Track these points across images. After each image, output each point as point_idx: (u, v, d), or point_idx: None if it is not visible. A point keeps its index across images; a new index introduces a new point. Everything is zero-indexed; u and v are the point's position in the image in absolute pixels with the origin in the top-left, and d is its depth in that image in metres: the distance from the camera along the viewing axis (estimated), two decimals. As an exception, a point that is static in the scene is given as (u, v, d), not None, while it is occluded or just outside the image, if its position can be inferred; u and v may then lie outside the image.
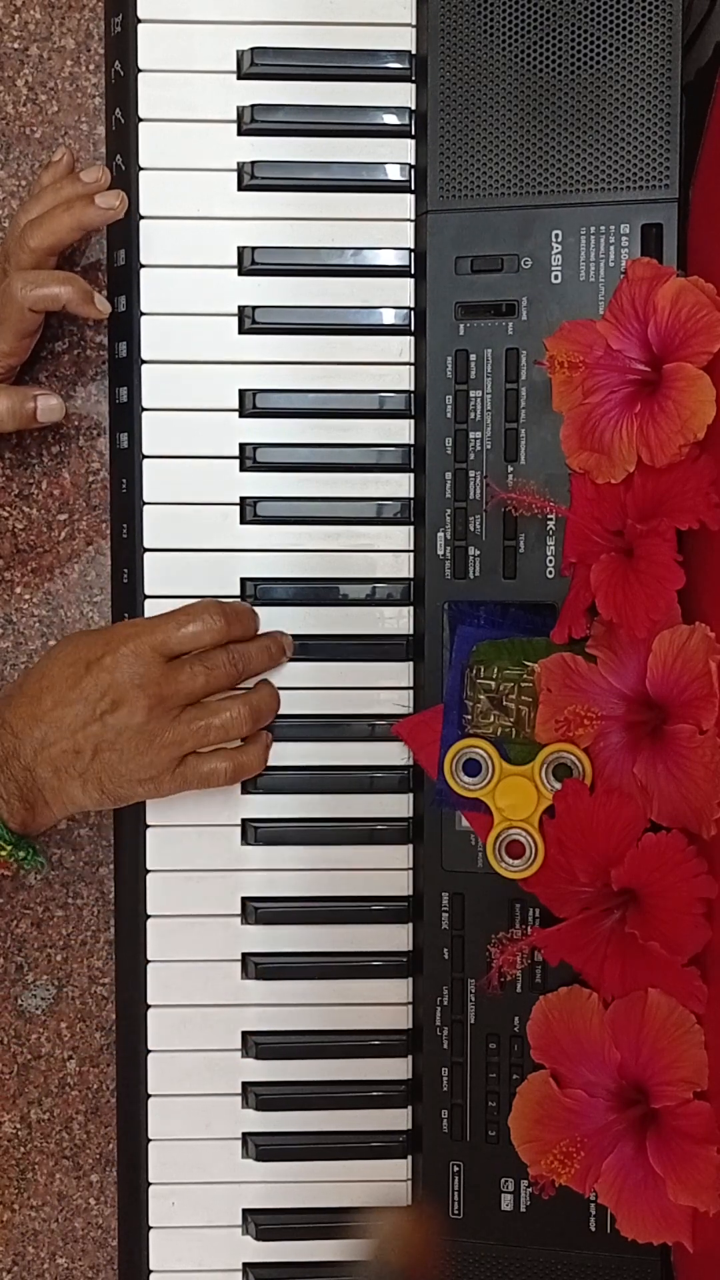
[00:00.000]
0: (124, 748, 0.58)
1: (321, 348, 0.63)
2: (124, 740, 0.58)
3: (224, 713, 0.60)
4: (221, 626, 0.60)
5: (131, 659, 0.58)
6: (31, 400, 0.63)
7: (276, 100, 0.62)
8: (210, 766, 0.60)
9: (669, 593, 0.55)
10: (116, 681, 0.58)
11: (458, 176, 0.61)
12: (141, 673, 0.58)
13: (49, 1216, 0.70)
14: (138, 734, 0.58)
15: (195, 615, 0.59)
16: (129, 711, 0.58)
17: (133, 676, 0.58)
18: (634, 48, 0.59)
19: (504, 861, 0.59)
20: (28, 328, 0.61)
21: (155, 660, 0.58)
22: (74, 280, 0.60)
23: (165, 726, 0.59)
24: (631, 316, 0.57)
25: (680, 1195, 0.54)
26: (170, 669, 0.59)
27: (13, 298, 0.60)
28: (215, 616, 0.60)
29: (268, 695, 0.62)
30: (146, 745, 0.58)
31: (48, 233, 0.60)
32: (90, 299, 0.61)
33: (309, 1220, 0.65)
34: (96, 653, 0.59)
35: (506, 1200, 0.62)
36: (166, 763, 0.59)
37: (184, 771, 0.60)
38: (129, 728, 0.58)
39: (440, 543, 0.62)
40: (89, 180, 0.61)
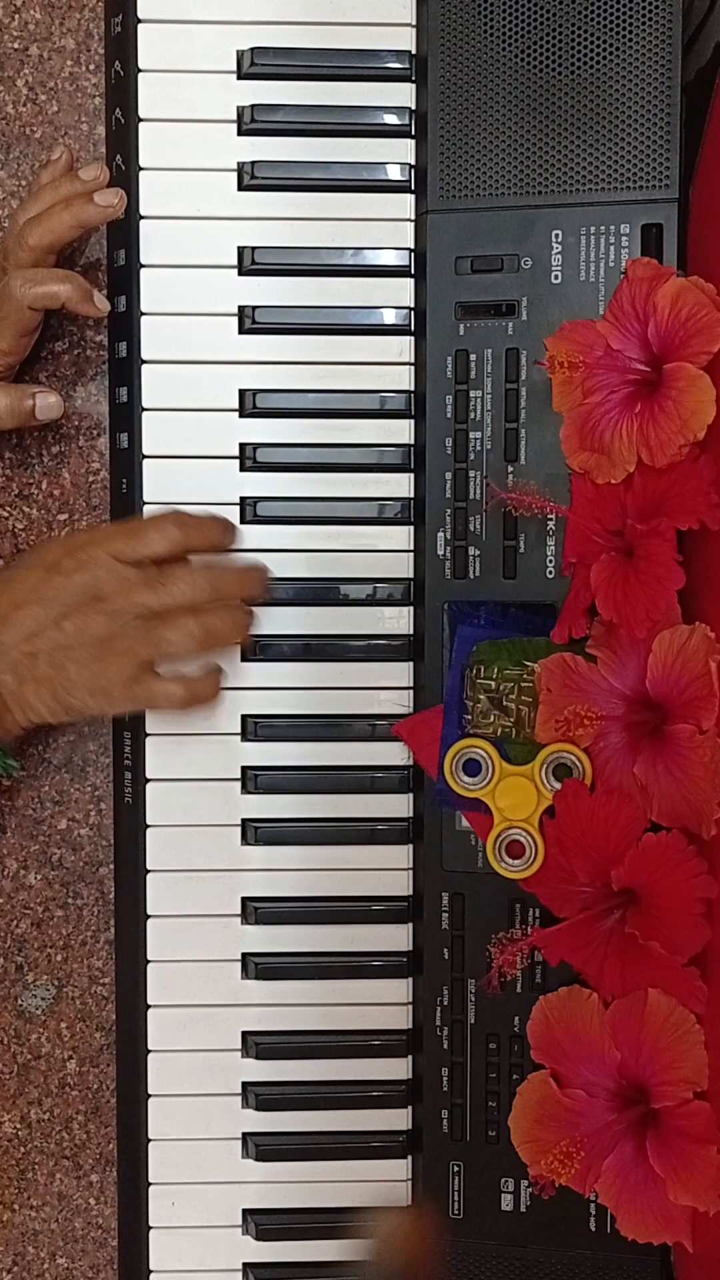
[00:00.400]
0: (78, 654, 0.58)
1: (321, 348, 0.63)
2: (78, 646, 0.58)
3: (177, 627, 0.59)
4: (177, 537, 0.59)
5: (89, 564, 0.58)
6: (30, 398, 0.63)
7: (276, 100, 0.62)
8: (163, 688, 0.59)
9: (669, 593, 0.55)
10: (73, 586, 0.58)
11: (458, 176, 0.61)
12: (98, 578, 0.58)
13: (49, 1216, 0.70)
14: (93, 640, 0.58)
15: (152, 526, 0.59)
16: (83, 616, 0.58)
17: (87, 582, 0.58)
18: (634, 48, 0.59)
19: (504, 861, 0.59)
20: (27, 326, 0.61)
21: (112, 566, 0.58)
22: (73, 278, 0.60)
23: (118, 634, 0.58)
24: (631, 316, 0.57)
25: (680, 1195, 0.54)
26: (125, 579, 0.58)
27: (11, 296, 0.60)
28: (171, 527, 0.59)
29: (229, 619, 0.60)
30: (101, 652, 0.58)
31: (46, 230, 0.60)
32: (89, 297, 0.61)
33: (309, 1220, 0.65)
34: (55, 556, 0.59)
35: (506, 1200, 0.62)
36: (117, 674, 0.58)
37: (136, 690, 0.59)
38: (83, 631, 0.58)
39: (440, 543, 0.62)
40: (88, 178, 0.61)
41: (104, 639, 0.58)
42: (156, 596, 0.59)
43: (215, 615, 0.60)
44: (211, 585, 0.60)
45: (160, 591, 0.59)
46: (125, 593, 0.58)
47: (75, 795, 0.68)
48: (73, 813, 0.68)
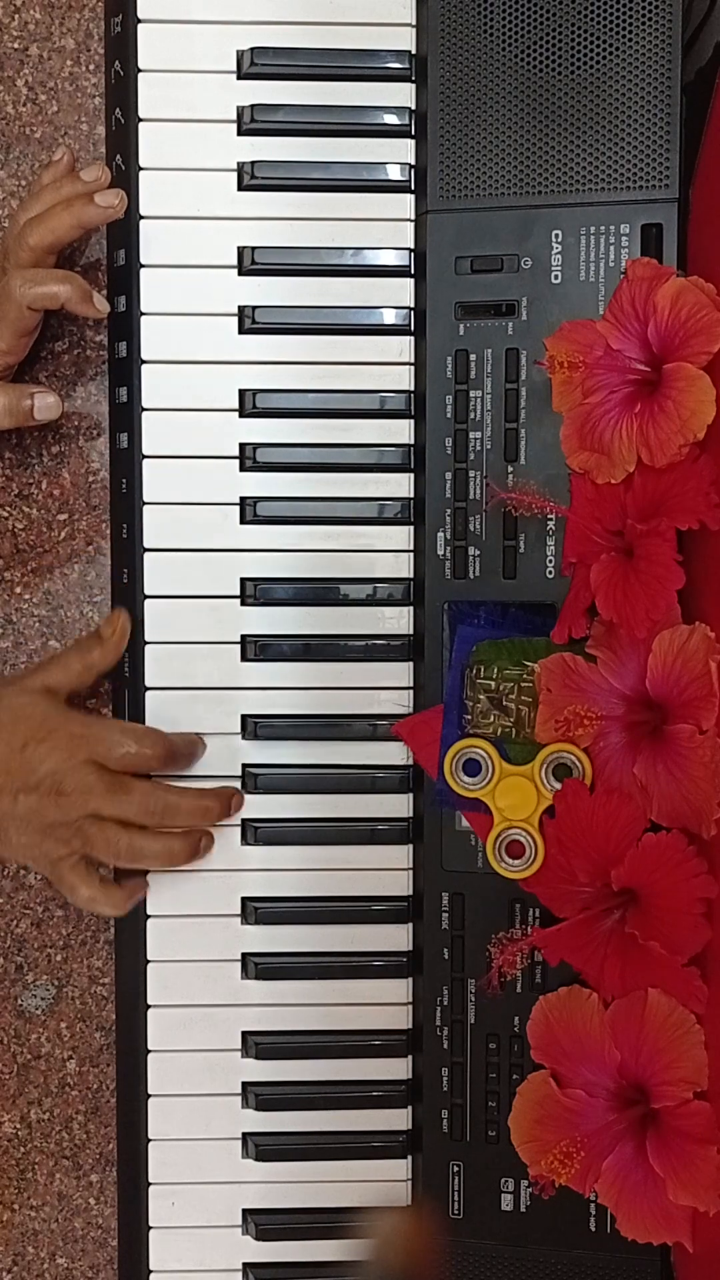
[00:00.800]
0: (23, 827, 0.59)
1: (321, 348, 0.63)
2: (26, 821, 0.59)
3: (109, 835, 0.60)
4: (157, 757, 0.60)
5: (64, 757, 0.59)
6: (29, 398, 0.63)
7: (276, 100, 0.62)
8: (71, 880, 0.61)
9: (669, 593, 0.55)
10: (43, 770, 0.59)
11: (458, 176, 0.61)
12: (66, 772, 0.59)
13: (49, 1216, 0.70)
14: (40, 823, 0.59)
15: (136, 737, 0.60)
16: (40, 802, 0.59)
17: (57, 773, 0.59)
18: (634, 48, 0.59)
19: (504, 861, 0.59)
20: (26, 326, 0.61)
21: (83, 767, 0.59)
22: (73, 279, 0.60)
23: (64, 827, 0.59)
24: (631, 316, 0.57)
25: (680, 1195, 0.54)
26: (88, 784, 0.59)
27: (11, 296, 0.60)
28: (155, 746, 0.60)
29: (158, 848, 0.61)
30: (41, 836, 0.59)
31: (47, 231, 0.60)
32: (89, 298, 0.61)
33: (309, 1220, 0.65)
34: (38, 735, 0.59)
35: (506, 1200, 0.62)
36: (52, 853, 0.60)
37: (61, 872, 0.61)
38: (34, 813, 0.59)
39: (440, 543, 0.62)
40: (89, 179, 0.61)
41: (47, 827, 0.59)
42: (110, 808, 0.59)
43: (150, 838, 0.61)
44: (164, 812, 0.61)
45: (113, 802, 0.59)
46: (83, 795, 0.59)
47: (75, 795, 0.68)
48: (73, 813, 0.68)
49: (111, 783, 0.59)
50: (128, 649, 0.64)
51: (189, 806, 0.62)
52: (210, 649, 0.64)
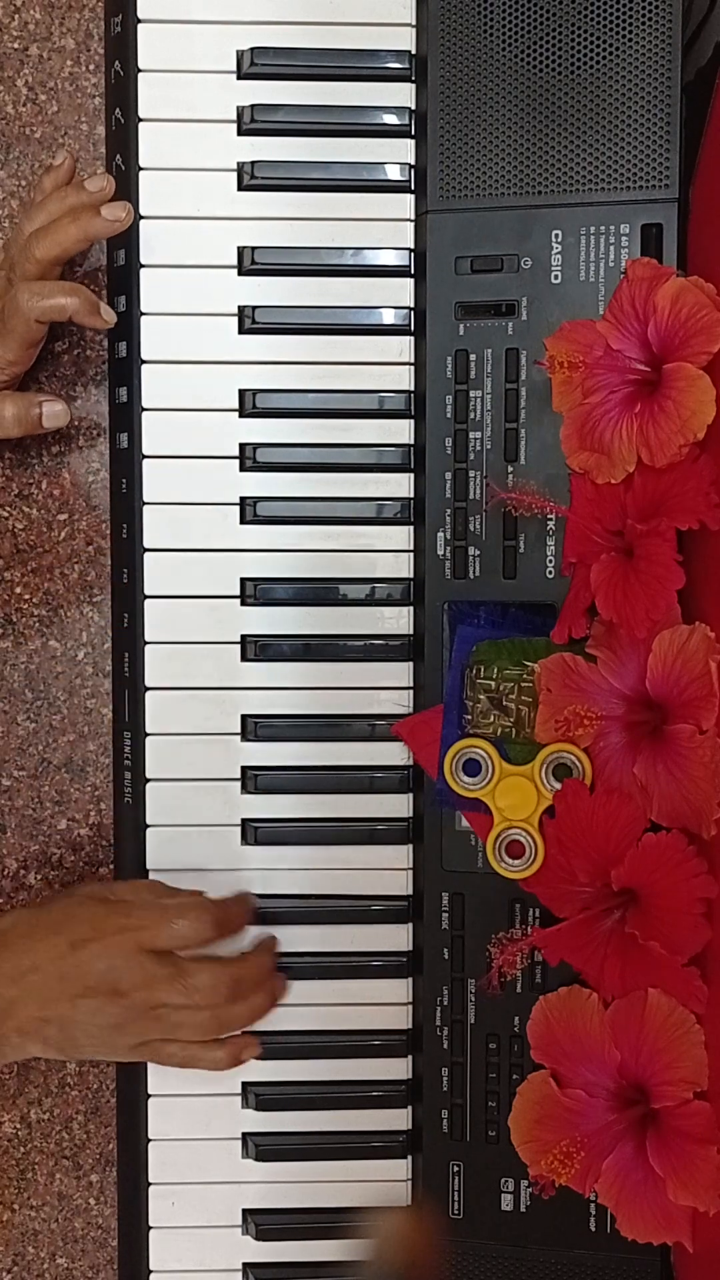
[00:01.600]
0: (89, 1029, 0.58)
1: (321, 348, 0.63)
2: (90, 1024, 0.58)
3: (192, 1018, 0.59)
4: (209, 931, 0.59)
5: (115, 954, 0.58)
6: (37, 406, 0.63)
7: (276, 100, 0.62)
8: (168, 1050, 0.60)
9: (669, 593, 0.55)
10: (96, 971, 0.57)
11: (458, 176, 0.61)
12: (122, 970, 0.57)
13: (49, 1216, 0.70)
14: (106, 1021, 0.58)
15: (186, 918, 0.59)
16: (100, 1004, 0.58)
17: (112, 970, 0.57)
18: (634, 48, 0.59)
19: (504, 861, 0.59)
20: (33, 338, 0.61)
21: (139, 958, 0.58)
22: (80, 291, 0.60)
23: (132, 1021, 0.58)
24: (631, 316, 0.57)
25: (680, 1195, 0.54)
26: (151, 973, 0.58)
27: (19, 309, 0.60)
28: (204, 920, 0.59)
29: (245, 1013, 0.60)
30: (111, 1034, 0.58)
31: (53, 243, 0.60)
32: (96, 310, 0.61)
33: (309, 1220, 0.65)
34: (84, 935, 0.58)
35: (506, 1200, 0.62)
36: (125, 1046, 0.59)
37: (141, 1050, 0.60)
38: (97, 1015, 0.58)
39: (440, 543, 0.62)
40: (94, 189, 0.61)
41: (117, 1024, 0.58)
42: (178, 998, 0.58)
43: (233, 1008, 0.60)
44: (233, 985, 0.59)
45: (181, 993, 0.58)
46: (146, 988, 0.58)
47: (75, 795, 0.68)
48: (73, 813, 0.68)
49: (172, 972, 0.58)
50: (127, 649, 0.64)
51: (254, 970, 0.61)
52: (210, 649, 0.64)
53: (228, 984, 0.59)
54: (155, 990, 0.58)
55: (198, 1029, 0.59)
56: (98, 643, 0.68)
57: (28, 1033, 0.58)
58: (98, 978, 0.57)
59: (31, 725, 0.68)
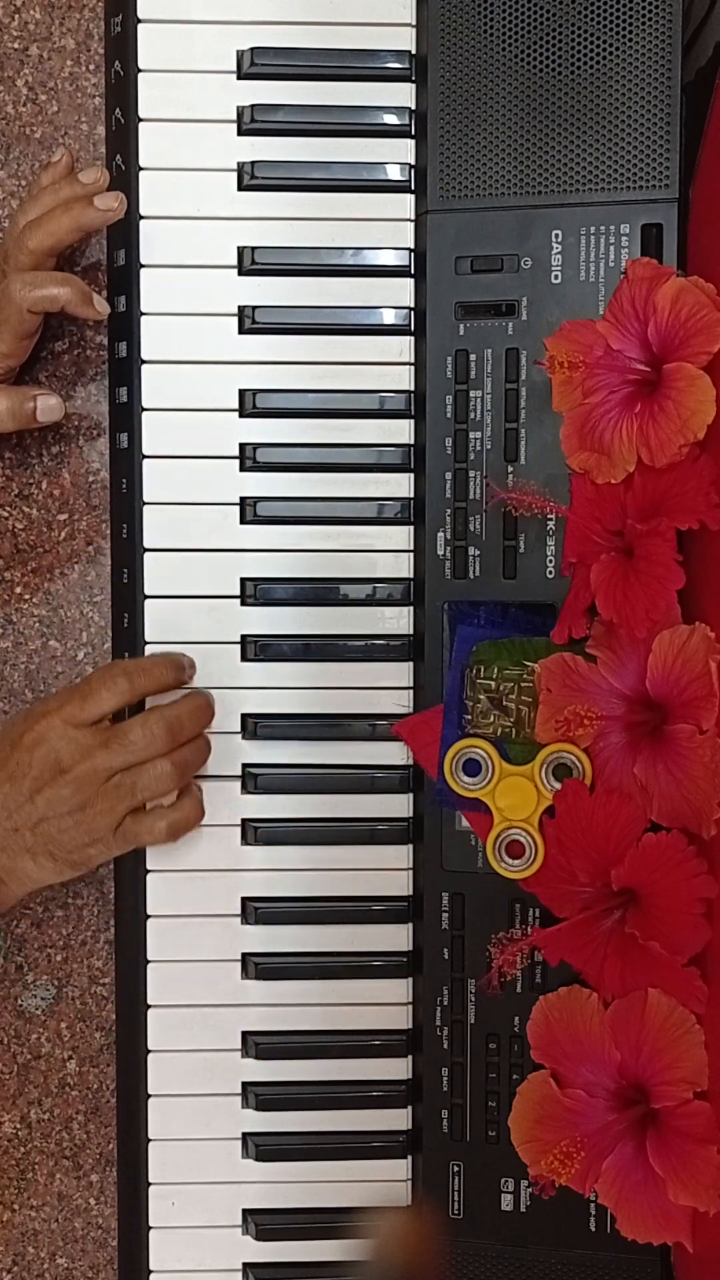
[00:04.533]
0: (60, 820, 0.59)
1: (321, 348, 0.63)
2: (56, 814, 0.59)
3: (148, 773, 0.59)
4: (125, 690, 0.59)
5: (49, 735, 0.58)
6: (31, 400, 0.63)
7: (276, 100, 0.62)
8: (146, 825, 0.60)
9: (669, 593, 0.55)
10: (36, 759, 0.58)
11: (458, 176, 0.61)
12: (59, 748, 0.58)
13: (49, 1216, 0.70)
14: (69, 807, 0.58)
15: (99, 685, 0.59)
16: (53, 789, 0.58)
17: (48, 753, 0.58)
18: (634, 48, 0.59)
19: (504, 861, 0.59)
20: (27, 329, 0.61)
21: (69, 732, 0.59)
22: (72, 281, 0.60)
23: (93, 796, 0.59)
24: (631, 316, 0.57)
25: (680, 1195, 0.54)
26: (82, 744, 0.59)
27: (11, 299, 0.60)
28: (119, 681, 0.59)
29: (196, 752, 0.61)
30: (80, 815, 0.59)
31: (46, 234, 0.60)
32: (89, 300, 0.61)
33: (309, 1220, 0.65)
34: (18, 733, 0.59)
35: (506, 1200, 0.62)
36: (104, 827, 0.59)
37: (124, 831, 0.60)
38: (58, 800, 0.58)
39: (440, 543, 0.62)
40: (88, 181, 0.61)
41: (79, 803, 0.59)
42: (118, 757, 0.59)
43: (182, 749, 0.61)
44: (169, 732, 0.60)
45: (119, 751, 0.59)
46: (86, 759, 0.58)
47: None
48: (73, 813, 0.68)
49: (106, 737, 0.59)
50: (127, 649, 0.64)
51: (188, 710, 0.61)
52: (210, 649, 0.64)
53: (163, 729, 0.59)
54: (95, 758, 0.58)
55: (157, 782, 0.59)
56: (98, 643, 0.68)
57: (11, 849, 0.59)
58: (40, 765, 0.58)
59: (31, 725, 0.68)
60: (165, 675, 0.61)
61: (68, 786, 0.58)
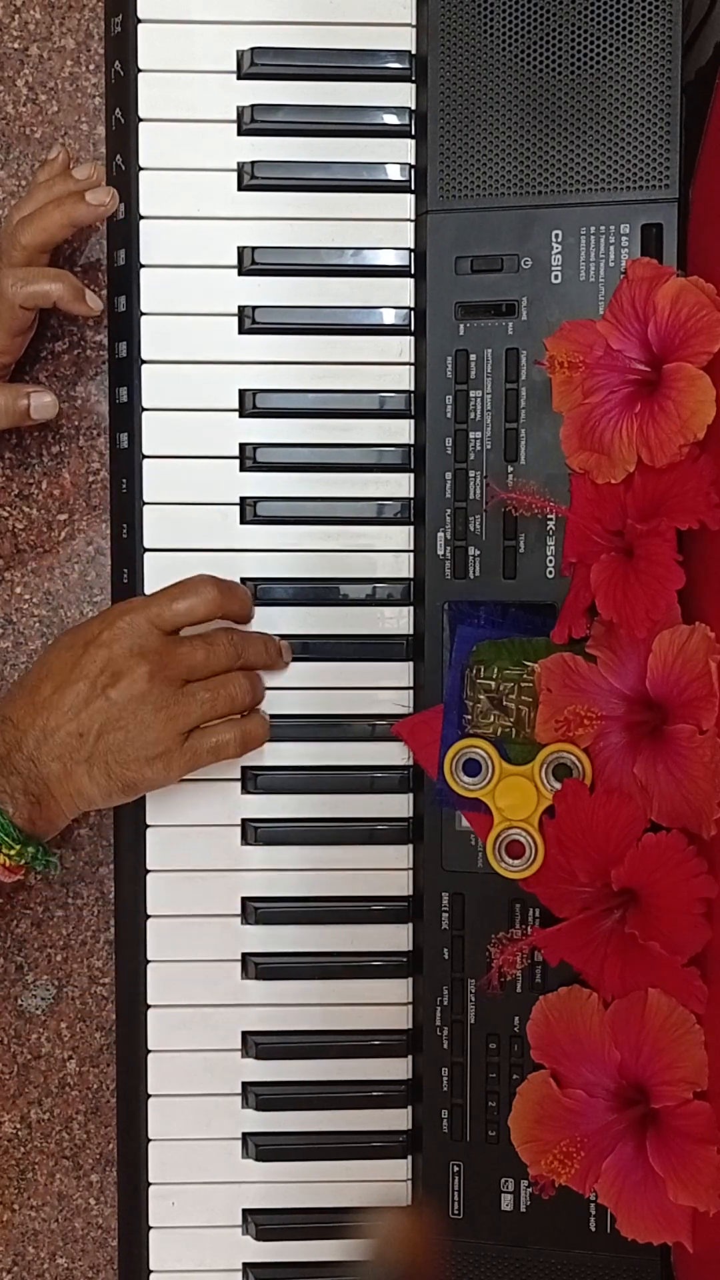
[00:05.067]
0: (129, 723, 0.57)
1: (321, 348, 0.63)
2: (128, 714, 0.57)
3: (229, 684, 0.60)
4: (215, 598, 0.59)
5: (129, 631, 0.58)
6: (25, 397, 0.63)
7: (276, 100, 0.62)
8: (218, 738, 0.60)
9: (669, 593, 0.55)
10: (115, 655, 0.58)
11: (458, 176, 0.61)
12: (140, 644, 0.58)
13: (49, 1216, 0.70)
14: (141, 705, 0.57)
15: (191, 589, 0.59)
16: (130, 681, 0.57)
17: (131, 647, 0.58)
18: (634, 48, 0.59)
19: (504, 861, 0.59)
20: (20, 325, 0.61)
21: (153, 632, 0.58)
22: (65, 277, 0.60)
23: (169, 697, 0.58)
24: (631, 316, 0.57)
25: (680, 1195, 0.54)
26: (170, 641, 0.59)
27: (4, 295, 0.60)
28: (209, 588, 0.59)
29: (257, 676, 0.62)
30: (151, 717, 0.58)
31: (39, 229, 0.60)
32: (81, 296, 0.61)
33: (309, 1220, 0.65)
34: (94, 631, 0.59)
35: (506, 1200, 0.62)
36: (173, 736, 0.58)
37: (192, 745, 0.59)
38: (132, 698, 0.57)
39: (440, 543, 0.62)
40: (81, 177, 0.61)
41: (155, 702, 0.58)
42: (199, 654, 0.59)
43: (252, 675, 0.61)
44: (244, 649, 0.60)
45: (201, 649, 0.59)
46: (170, 650, 0.58)
47: (75, 795, 0.68)
48: (73, 813, 0.68)
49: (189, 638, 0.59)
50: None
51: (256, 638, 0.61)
52: (210, 649, 0.64)
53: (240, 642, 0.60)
54: (178, 652, 0.58)
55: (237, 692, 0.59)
56: (98, 643, 0.68)
57: (70, 758, 0.57)
58: (121, 658, 0.57)
59: (31, 725, 0.68)
60: (246, 603, 0.62)
61: (145, 681, 0.57)
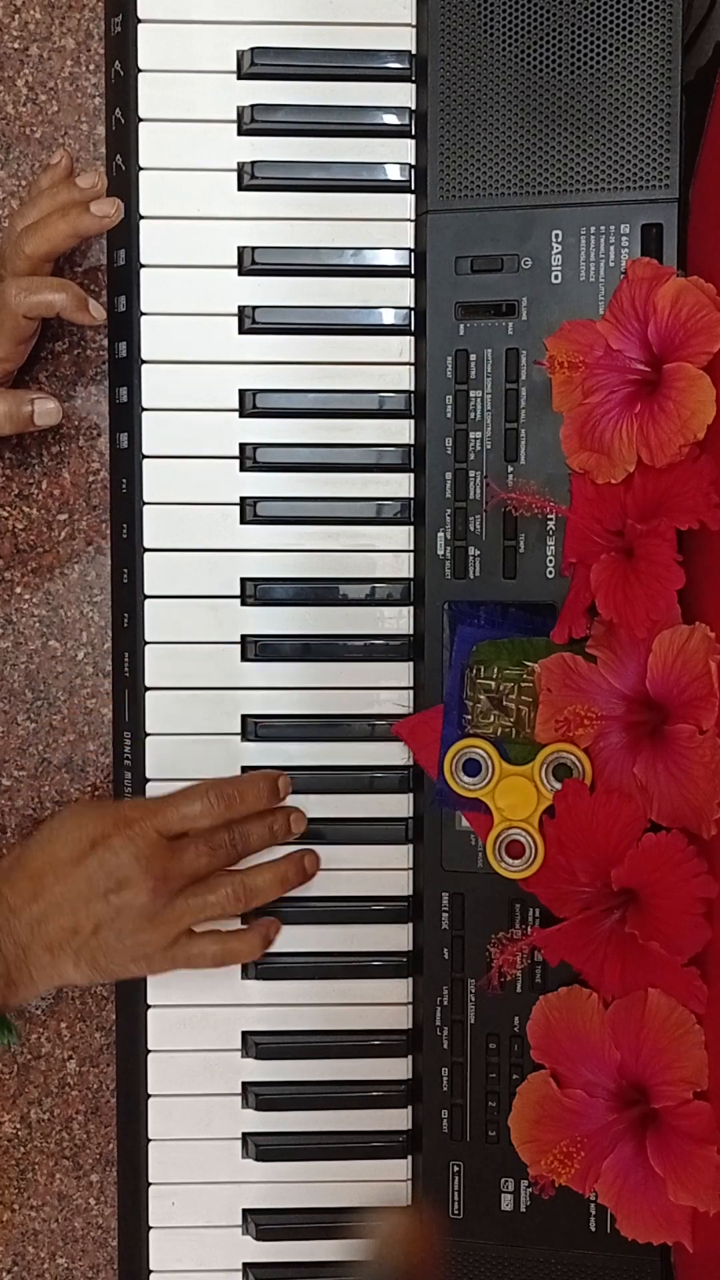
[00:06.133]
0: (123, 926, 0.59)
1: (321, 348, 0.63)
2: (124, 920, 0.58)
3: (220, 889, 0.60)
4: (220, 810, 0.60)
5: (137, 839, 0.59)
6: (29, 404, 0.63)
7: (276, 100, 0.62)
8: (199, 949, 0.61)
9: (669, 593, 0.55)
10: (122, 862, 0.58)
11: (458, 176, 0.61)
12: (146, 853, 0.58)
13: (49, 1216, 0.70)
14: (139, 913, 0.59)
15: (196, 797, 0.60)
16: (134, 892, 0.58)
17: (137, 856, 0.58)
18: (634, 48, 0.59)
19: (504, 861, 0.59)
20: (23, 334, 0.61)
21: (158, 840, 0.59)
22: (68, 287, 0.60)
23: (165, 905, 0.59)
24: (631, 316, 0.57)
25: (680, 1195, 0.54)
26: (174, 849, 0.59)
27: (7, 304, 0.60)
28: (215, 799, 0.60)
29: (268, 878, 0.62)
30: (146, 923, 0.59)
31: (43, 239, 0.60)
32: (85, 305, 0.61)
33: (309, 1220, 0.65)
34: (102, 831, 0.59)
35: (506, 1200, 0.62)
36: (161, 941, 0.60)
37: (173, 953, 0.60)
38: (132, 906, 0.58)
39: (440, 543, 0.62)
40: (85, 186, 0.61)
41: (151, 911, 0.59)
42: (203, 859, 0.60)
43: (257, 872, 0.61)
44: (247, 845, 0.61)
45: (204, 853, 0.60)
46: (172, 863, 0.59)
47: (75, 795, 0.68)
48: (73, 813, 0.68)
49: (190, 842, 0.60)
50: (127, 649, 0.64)
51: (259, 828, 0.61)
52: (210, 649, 0.64)
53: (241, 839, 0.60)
54: (182, 860, 0.59)
55: (226, 899, 0.60)
56: (98, 643, 0.68)
57: (59, 947, 0.58)
58: (124, 867, 0.58)
59: (31, 725, 0.68)
60: (260, 797, 0.62)
61: (147, 892, 0.58)
